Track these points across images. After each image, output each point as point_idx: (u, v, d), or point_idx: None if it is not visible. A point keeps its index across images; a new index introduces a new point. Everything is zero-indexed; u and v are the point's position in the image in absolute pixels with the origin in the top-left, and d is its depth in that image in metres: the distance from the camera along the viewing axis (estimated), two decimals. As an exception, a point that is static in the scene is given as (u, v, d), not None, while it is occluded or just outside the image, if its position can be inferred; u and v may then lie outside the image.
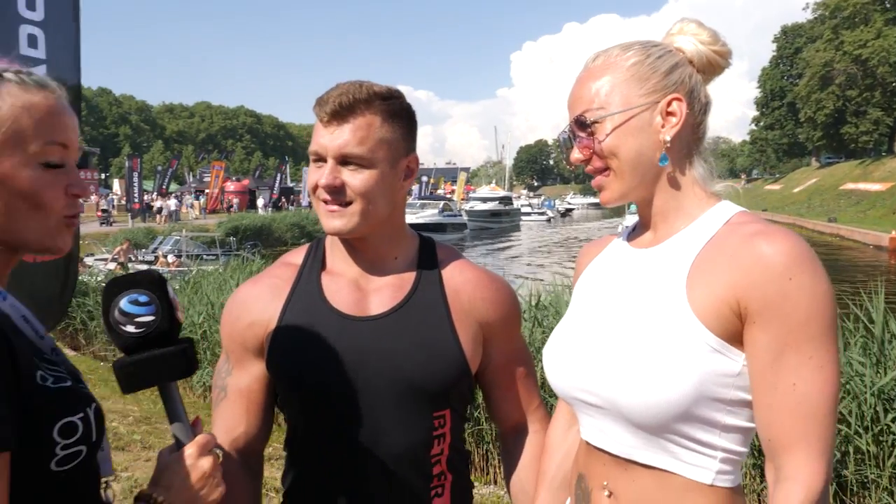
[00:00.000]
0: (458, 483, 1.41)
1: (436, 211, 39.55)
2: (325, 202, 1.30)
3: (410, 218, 35.74)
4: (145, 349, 1.07)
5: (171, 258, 18.38)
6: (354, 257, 1.39)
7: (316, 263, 1.42)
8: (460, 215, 43.22)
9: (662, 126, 1.14)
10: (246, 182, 51.47)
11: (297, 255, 1.47)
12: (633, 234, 1.29)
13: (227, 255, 18.84)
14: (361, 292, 1.38)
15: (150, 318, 1.07)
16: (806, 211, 44.19)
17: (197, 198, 46.00)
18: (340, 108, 1.27)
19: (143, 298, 1.07)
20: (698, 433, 1.07)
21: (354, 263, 1.39)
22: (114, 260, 17.41)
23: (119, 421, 5.82)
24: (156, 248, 20.31)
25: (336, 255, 1.42)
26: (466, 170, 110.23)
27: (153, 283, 1.09)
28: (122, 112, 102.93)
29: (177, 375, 1.11)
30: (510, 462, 1.51)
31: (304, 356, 1.33)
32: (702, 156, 1.20)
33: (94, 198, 36.00)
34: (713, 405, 1.05)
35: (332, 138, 1.28)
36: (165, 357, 1.08)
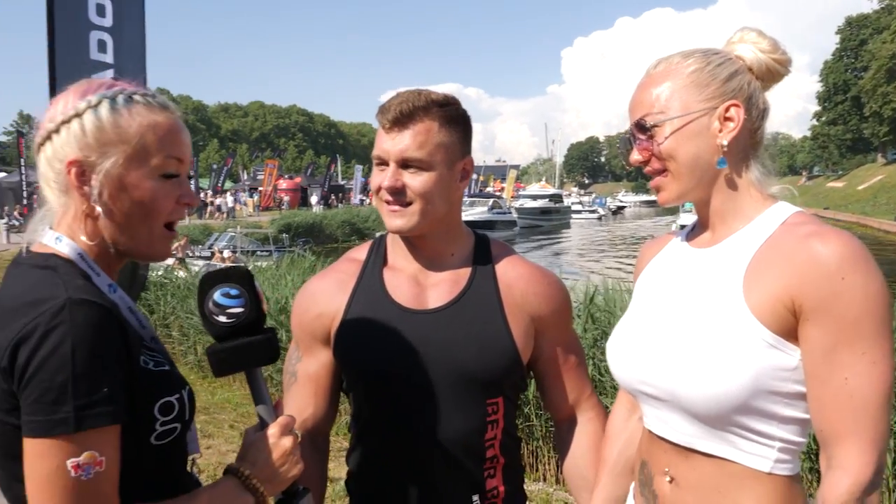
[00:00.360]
0: (510, 466, 1.50)
1: (485, 208, 39.47)
2: (388, 203, 1.40)
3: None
4: (235, 337, 1.18)
5: (226, 254, 18.80)
6: (414, 254, 1.49)
7: (378, 259, 1.52)
8: (510, 213, 43.07)
9: (720, 131, 1.19)
10: (298, 180, 52.27)
11: (360, 252, 1.58)
12: (692, 233, 1.34)
13: (280, 251, 19.19)
14: (420, 287, 1.47)
15: (240, 309, 1.18)
16: (871, 209, 42.56)
17: (251, 195, 47.00)
18: (401, 116, 1.37)
19: (233, 291, 1.19)
20: (756, 424, 1.12)
21: (414, 260, 1.49)
22: (172, 255, 17.92)
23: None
24: (212, 244, 20.82)
25: (397, 251, 1.51)
26: (516, 167, 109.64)
27: (243, 278, 1.20)
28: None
29: (262, 362, 1.21)
30: (565, 449, 1.58)
31: (367, 346, 1.44)
32: (759, 159, 1.24)
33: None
34: (770, 398, 1.11)
35: (393, 143, 1.38)
36: (253, 345, 1.19)
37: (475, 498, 1.45)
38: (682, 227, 1.43)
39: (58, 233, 1.12)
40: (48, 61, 3.40)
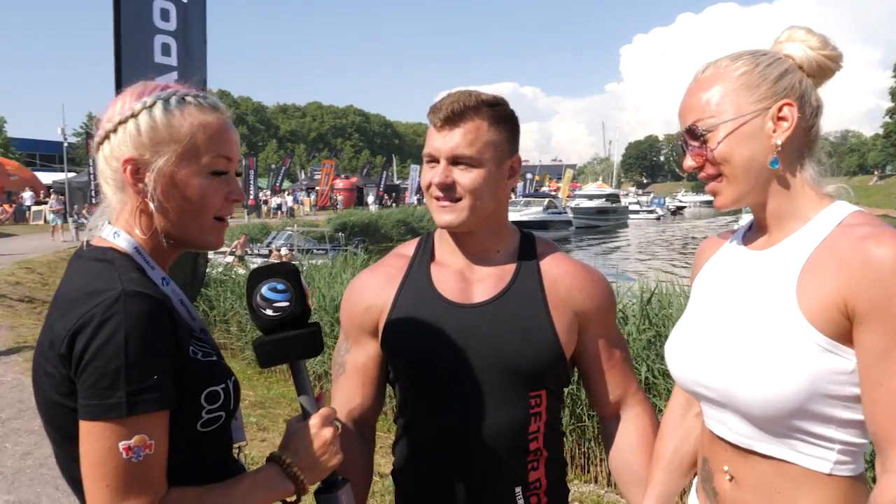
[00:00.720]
0: (553, 459, 1.52)
1: (540, 208, 39.28)
2: (438, 198, 1.45)
3: (514, 215, 35.42)
4: (280, 330, 1.23)
5: (283, 252, 19.21)
6: (461, 249, 1.53)
7: (426, 255, 1.57)
8: (565, 212, 42.74)
9: (774, 131, 1.18)
10: (354, 179, 53.01)
11: (408, 248, 1.63)
12: (749, 234, 1.33)
13: (335, 249, 19.48)
14: (466, 282, 1.51)
15: (286, 303, 1.22)
16: (946, 210, 40.62)
17: (308, 195, 47.90)
18: (452, 115, 1.41)
19: (280, 286, 1.23)
20: (814, 427, 1.12)
21: (461, 255, 1.53)
22: (231, 253, 18.36)
23: (237, 405, 6.17)
24: (270, 243, 21.29)
25: (444, 247, 1.56)
26: (572, 167, 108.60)
27: (289, 274, 1.24)
28: (239, 113, 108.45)
29: (306, 354, 1.26)
30: (611, 444, 1.58)
31: (414, 338, 1.48)
32: (814, 158, 1.23)
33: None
34: (827, 401, 1.10)
35: (444, 141, 1.43)
36: (297, 338, 1.23)
37: (518, 490, 1.47)
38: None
39: (116, 227, 1.18)
40: (114, 64, 3.55)
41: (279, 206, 40.23)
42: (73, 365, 1.02)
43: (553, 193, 52.97)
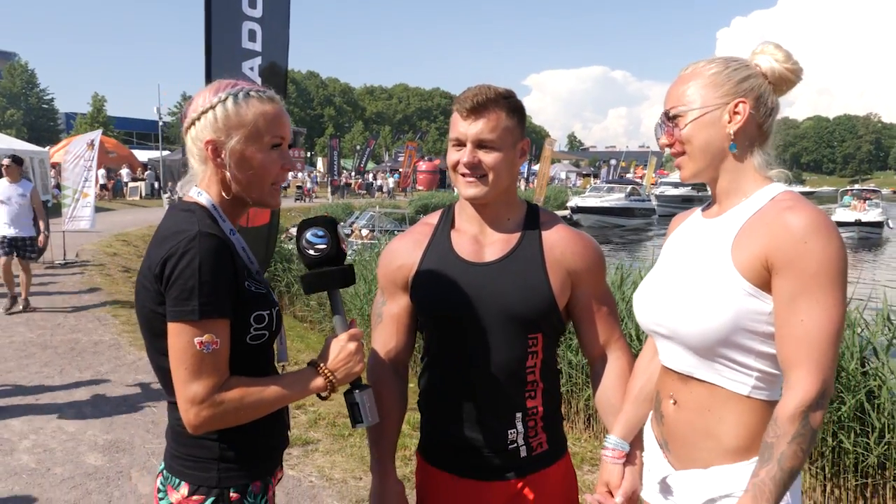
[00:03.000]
0: (548, 390, 1.83)
1: (622, 195, 38.42)
2: (464, 175, 1.73)
3: (595, 201, 34.64)
4: (320, 266, 1.58)
5: (364, 232, 19.67)
6: (478, 218, 1.82)
7: (447, 223, 1.88)
8: (649, 200, 41.66)
9: (729, 122, 1.46)
10: (437, 162, 53.34)
11: (433, 217, 1.94)
12: (706, 208, 1.63)
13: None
14: (479, 245, 1.81)
15: (324, 246, 1.57)
16: None
17: (392, 176, 48.63)
18: (477, 105, 1.69)
19: (320, 233, 1.59)
20: (738, 356, 1.42)
21: (476, 223, 1.82)
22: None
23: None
24: (352, 222, 21.82)
25: (462, 216, 1.85)
26: (659, 154, 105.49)
27: (328, 224, 1.60)
28: (327, 94, 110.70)
29: (339, 285, 1.62)
30: (597, 383, 1.88)
31: (437, 291, 1.79)
32: (763, 148, 1.50)
33: (301, 174, 40.10)
34: (748, 335, 1.40)
35: (471, 128, 1.70)
36: (332, 272, 1.60)
37: (518, 415, 1.78)
38: (837, 223, 1.65)
39: (200, 189, 1.55)
40: (205, 49, 3.78)
41: (380, 188, 41.87)
42: (164, 283, 1.39)
43: (637, 180, 51.72)
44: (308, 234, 1.58)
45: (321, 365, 1.54)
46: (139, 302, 1.49)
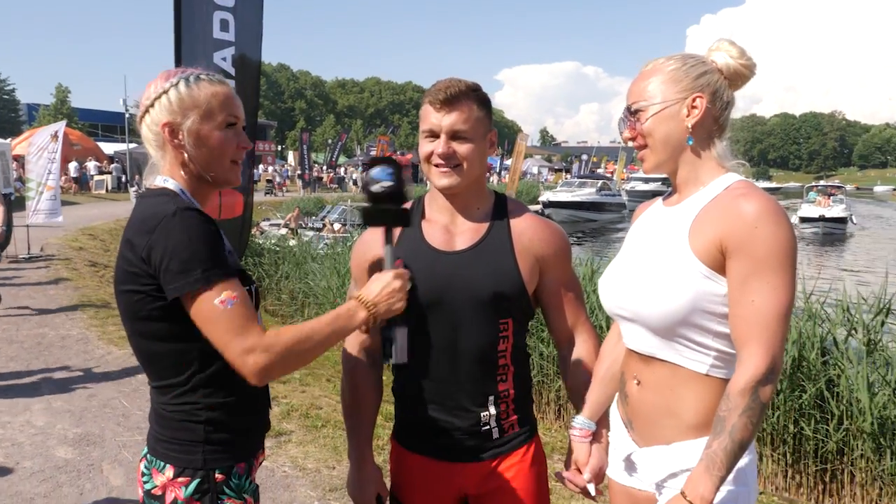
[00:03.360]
0: (518, 373, 1.88)
1: (593, 190, 38.78)
2: (437, 166, 1.78)
3: (567, 196, 34.89)
4: (380, 202, 1.65)
5: (336, 226, 19.59)
6: (448, 208, 1.86)
7: (418, 214, 1.91)
8: (619, 195, 42.09)
9: (687, 115, 1.53)
10: (409, 156, 53.19)
11: None
12: (667, 197, 1.69)
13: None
14: (450, 234, 1.85)
15: (390, 183, 1.63)
16: None
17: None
18: (450, 97, 1.73)
19: (388, 170, 1.64)
20: (696, 336, 1.49)
21: (447, 212, 1.86)
22: (285, 226, 18.84)
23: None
24: (324, 216, 21.71)
25: (433, 206, 1.90)
26: (630, 150, 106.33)
27: (395, 164, 1.66)
28: (298, 87, 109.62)
29: (395, 223, 1.69)
30: (565, 365, 1.95)
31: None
32: (721, 140, 1.58)
33: (270, 168, 39.84)
34: (706, 316, 1.48)
35: (444, 119, 1.75)
36: (391, 210, 1.67)
37: (490, 398, 1.83)
38: (802, 218, 1.70)
39: (164, 176, 1.57)
40: (174, 39, 3.73)
41: (355, 181, 42.07)
42: (157, 263, 1.41)
43: (608, 175, 52.17)
44: (376, 170, 1.64)
45: (363, 296, 1.58)
46: (120, 288, 1.50)
